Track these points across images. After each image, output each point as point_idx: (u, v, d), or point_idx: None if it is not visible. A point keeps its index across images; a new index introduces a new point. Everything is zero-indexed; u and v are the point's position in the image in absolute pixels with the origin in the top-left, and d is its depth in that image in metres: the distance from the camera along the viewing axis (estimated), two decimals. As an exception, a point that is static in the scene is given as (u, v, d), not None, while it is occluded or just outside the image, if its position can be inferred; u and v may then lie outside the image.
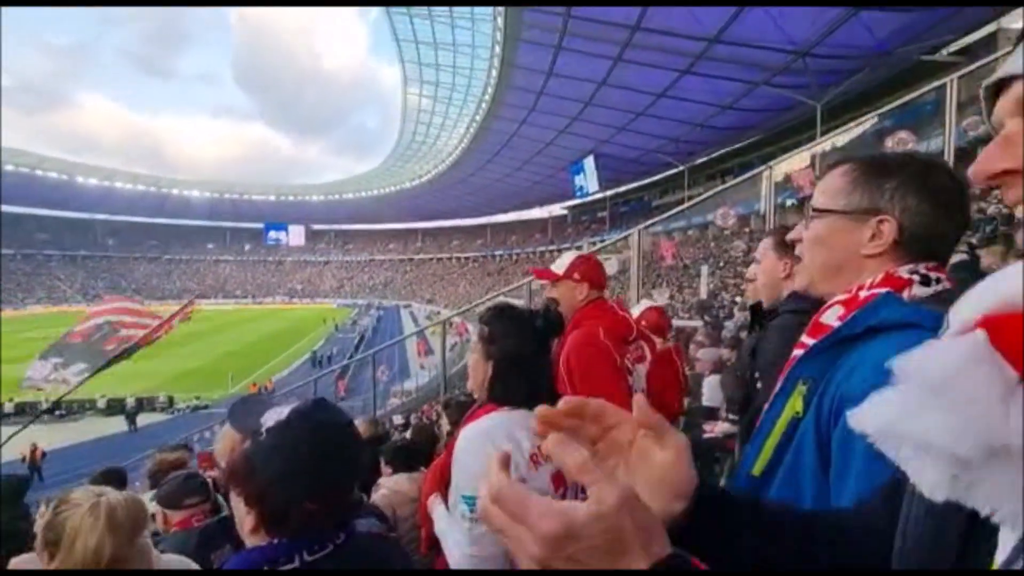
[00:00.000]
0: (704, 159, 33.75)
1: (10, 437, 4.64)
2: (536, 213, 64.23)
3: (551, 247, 56.94)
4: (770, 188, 2.44)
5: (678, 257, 15.74)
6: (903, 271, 0.73)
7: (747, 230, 17.30)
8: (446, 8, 22.54)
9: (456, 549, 1.12)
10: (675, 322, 7.44)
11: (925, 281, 0.72)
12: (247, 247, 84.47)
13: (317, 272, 79.64)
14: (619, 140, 31.08)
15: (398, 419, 13.61)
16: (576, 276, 1.78)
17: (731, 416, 2.70)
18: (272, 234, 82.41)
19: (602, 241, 44.41)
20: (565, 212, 59.71)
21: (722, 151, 31.91)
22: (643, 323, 2.19)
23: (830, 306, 0.77)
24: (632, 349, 1.74)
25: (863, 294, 0.73)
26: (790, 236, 0.89)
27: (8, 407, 18.72)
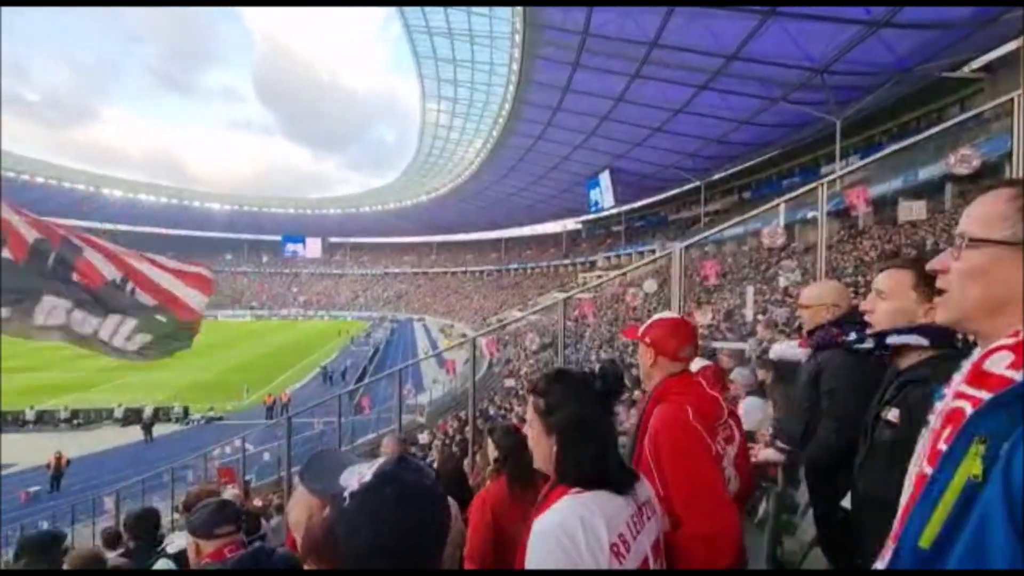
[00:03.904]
0: (721, 175, 33.57)
1: None
2: (551, 227, 64.29)
3: (565, 261, 56.82)
4: (822, 204, 2.30)
5: (721, 276, 15.40)
6: None
7: (791, 245, 17.00)
8: (466, 27, 22.86)
9: None
10: (717, 344, 7.20)
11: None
12: (265, 259, 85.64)
13: (333, 284, 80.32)
14: (635, 155, 31.08)
15: (423, 437, 13.43)
16: (647, 340, 1.62)
17: (779, 444, 2.55)
18: (289, 246, 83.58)
19: (617, 256, 44.36)
20: (580, 227, 59.68)
21: (739, 167, 31.72)
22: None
23: (992, 352, 0.66)
24: (721, 429, 1.56)
25: None
26: (932, 265, 0.77)
27: (29, 414, 18.95)
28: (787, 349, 3.93)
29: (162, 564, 2.23)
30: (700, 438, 1.41)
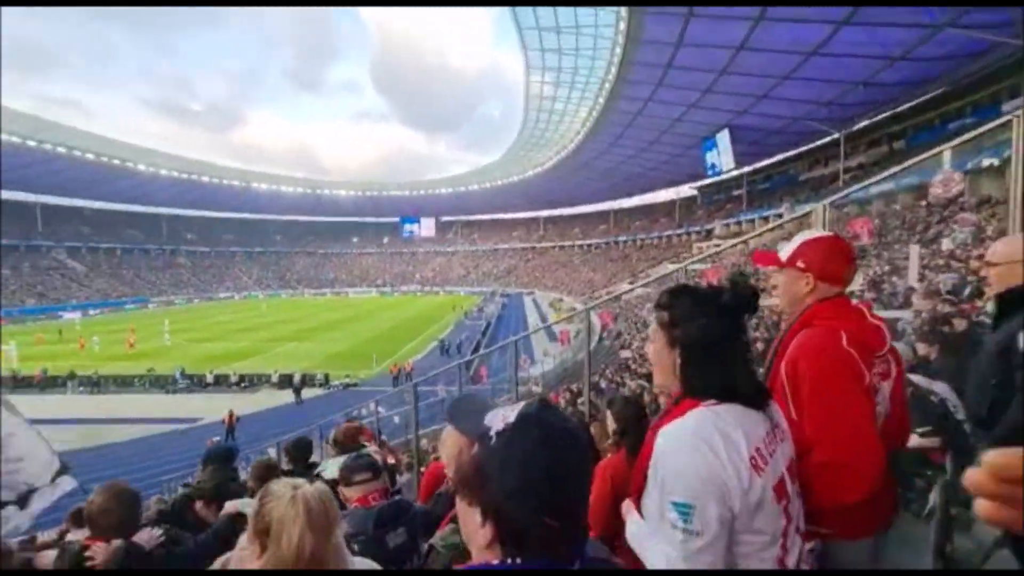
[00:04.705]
0: (865, 123, 29.24)
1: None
2: (662, 196, 61.21)
3: (679, 231, 53.90)
4: (1018, 140, 1.81)
5: (875, 235, 13.58)
6: None
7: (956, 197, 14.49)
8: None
9: (662, 561, 0.98)
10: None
11: None
12: (386, 240, 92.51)
13: (446, 261, 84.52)
14: (759, 110, 28.17)
15: None
16: (800, 264, 1.46)
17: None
18: (407, 227, 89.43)
19: (737, 223, 41.01)
20: (695, 193, 56.01)
21: (889, 112, 27.36)
22: None
23: None
24: (879, 363, 1.36)
25: None
26: None
27: (209, 378, 22.64)
28: None
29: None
30: (852, 365, 1.26)
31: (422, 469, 5.41)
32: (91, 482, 2.65)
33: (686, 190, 56.49)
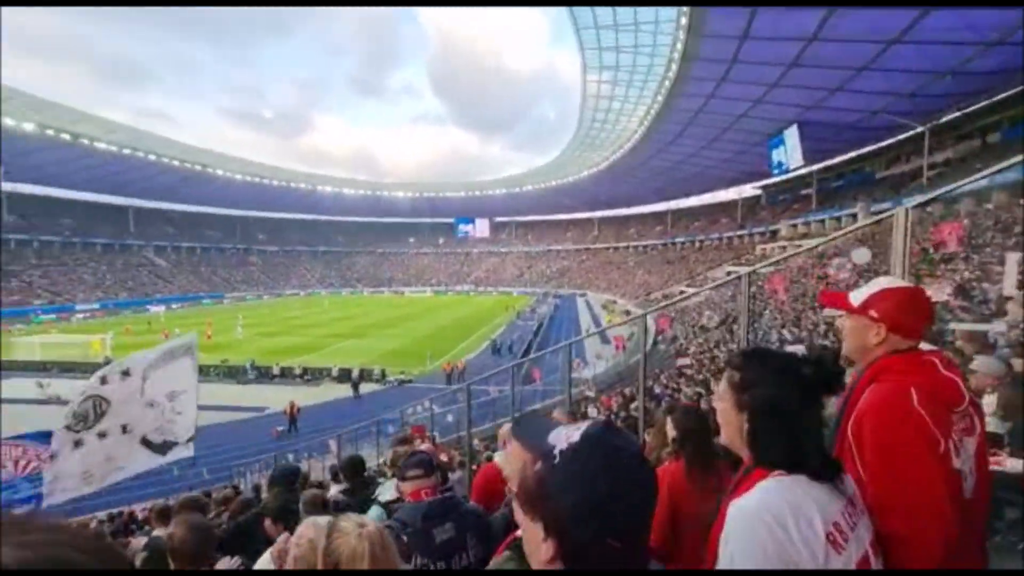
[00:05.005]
0: (953, 116, 26.86)
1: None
2: (723, 195, 58.96)
3: (740, 232, 51.72)
4: None
5: (966, 242, 12.47)
6: None
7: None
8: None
9: None
10: (956, 326, 5.86)
11: None
12: (441, 240, 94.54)
13: (500, 262, 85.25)
14: (832, 103, 26.56)
15: (592, 413, 13.68)
16: (873, 313, 1.34)
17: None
18: (461, 227, 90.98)
19: (806, 224, 38.83)
20: (759, 192, 53.54)
21: (981, 104, 25.01)
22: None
23: None
24: (960, 419, 1.23)
25: None
26: None
27: (275, 370, 23.98)
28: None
29: (374, 511, 2.65)
30: (922, 428, 1.14)
31: (474, 468, 5.49)
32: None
33: (749, 189, 54.11)
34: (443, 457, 4.82)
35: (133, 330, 36.22)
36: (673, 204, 67.33)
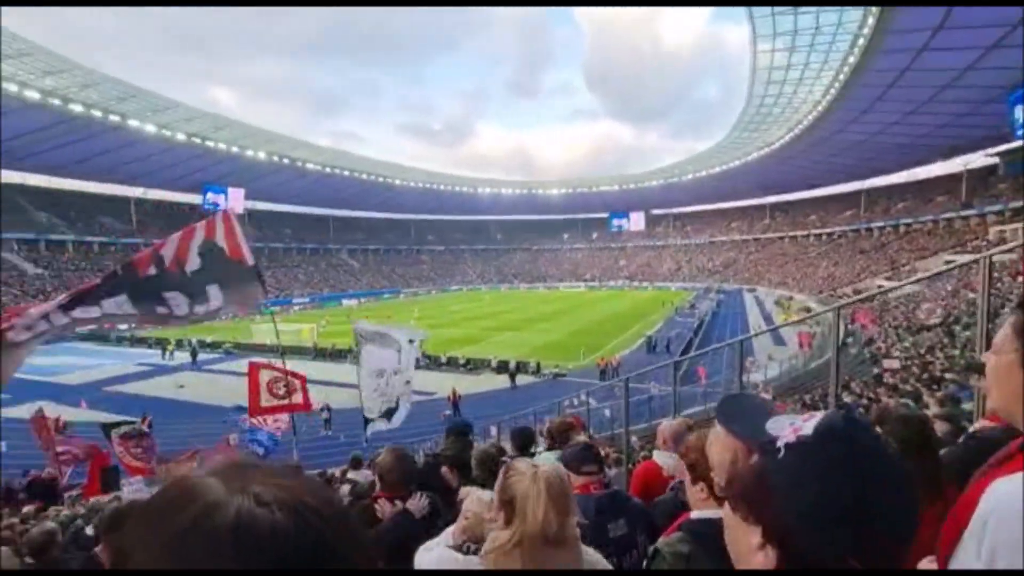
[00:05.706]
0: None
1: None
2: (938, 169, 48.46)
3: (963, 212, 42.04)
4: None
5: None
6: None
7: None
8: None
9: None
10: None
11: None
12: (594, 235, 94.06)
13: (656, 256, 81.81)
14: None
15: None
16: None
17: None
18: (615, 222, 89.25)
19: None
20: (994, 161, 42.78)
21: None
22: None
23: None
24: None
25: None
26: None
27: (442, 359, 26.26)
28: None
29: (550, 455, 2.73)
30: None
31: (630, 466, 5.27)
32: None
33: (978, 159, 43.59)
34: (602, 452, 4.74)
35: (332, 321, 42.80)
36: (868, 183, 57.46)
